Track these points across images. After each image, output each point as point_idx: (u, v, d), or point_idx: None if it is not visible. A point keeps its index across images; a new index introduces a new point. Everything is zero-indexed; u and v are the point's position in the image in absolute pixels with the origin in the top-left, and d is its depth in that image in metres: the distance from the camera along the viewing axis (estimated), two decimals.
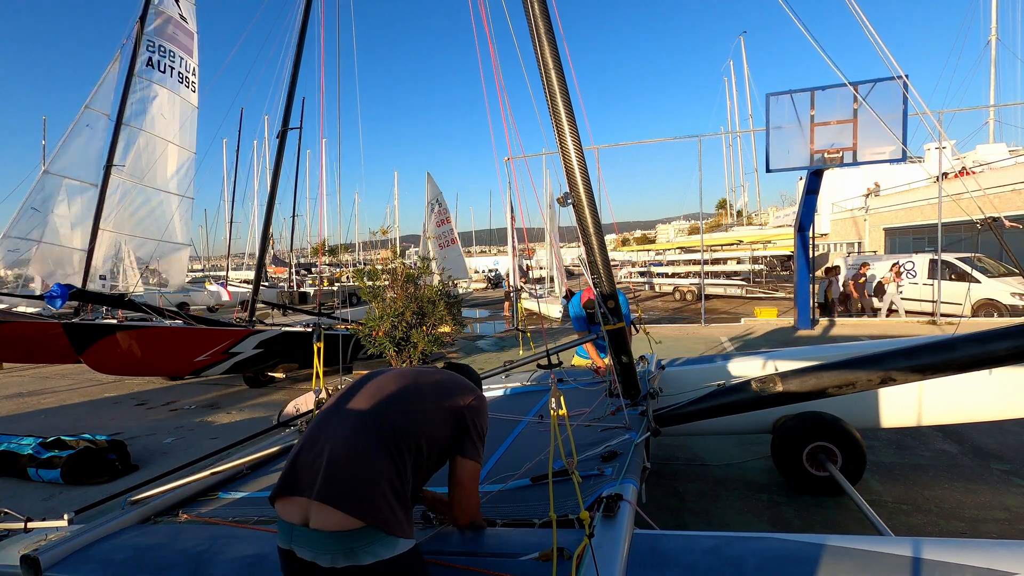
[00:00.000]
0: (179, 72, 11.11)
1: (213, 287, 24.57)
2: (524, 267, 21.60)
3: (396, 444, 1.57)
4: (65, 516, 2.44)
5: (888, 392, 3.75)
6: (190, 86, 11.44)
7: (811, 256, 12.74)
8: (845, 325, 12.67)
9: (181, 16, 11.19)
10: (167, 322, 8.12)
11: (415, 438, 1.62)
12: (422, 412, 1.69)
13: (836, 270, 14.85)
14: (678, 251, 27.43)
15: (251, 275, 16.70)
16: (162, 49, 10.75)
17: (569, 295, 7.13)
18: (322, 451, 1.54)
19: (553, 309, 14.96)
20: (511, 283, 15.68)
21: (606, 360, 4.41)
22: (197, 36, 11.63)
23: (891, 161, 10.98)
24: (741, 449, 4.77)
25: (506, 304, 17.23)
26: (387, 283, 9.70)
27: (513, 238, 16.06)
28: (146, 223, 10.65)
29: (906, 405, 3.77)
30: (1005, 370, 3.42)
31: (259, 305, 10.09)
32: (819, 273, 15.14)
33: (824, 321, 12.99)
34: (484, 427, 1.84)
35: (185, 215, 11.51)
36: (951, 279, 12.88)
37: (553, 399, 1.69)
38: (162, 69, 10.74)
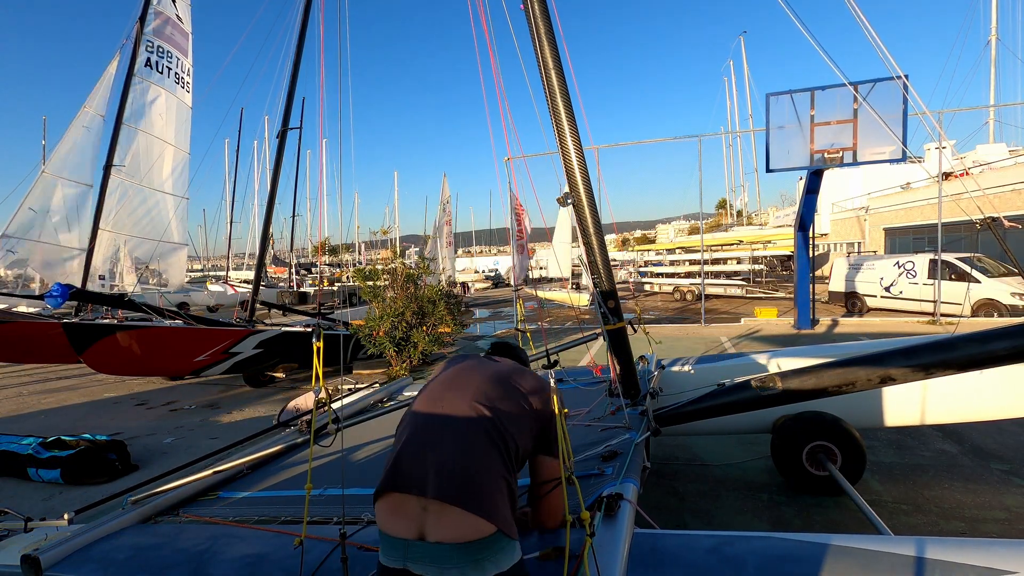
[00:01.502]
0: (176, 73, 11.11)
1: (215, 287, 24.57)
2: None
3: (504, 441, 1.47)
4: (65, 516, 2.44)
5: (888, 392, 3.75)
6: (185, 87, 11.44)
7: (811, 256, 12.74)
8: (846, 325, 12.68)
9: (177, 16, 11.19)
10: (167, 322, 8.12)
11: (515, 439, 1.53)
12: (514, 415, 1.58)
13: None
14: (678, 251, 27.43)
15: (251, 275, 16.71)
16: (160, 50, 10.75)
17: None
18: (429, 445, 1.42)
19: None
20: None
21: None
22: (192, 36, 11.63)
23: (891, 161, 10.98)
24: (741, 449, 4.76)
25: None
26: (387, 283, 9.71)
27: (513, 238, 16.14)
28: (144, 223, 10.65)
29: (906, 405, 3.76)
30: (1005, 370, 3.42)
31: (258, 305, 10.09)
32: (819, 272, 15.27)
33: (825, 321, 13.00)
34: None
35: (182, 215, 11.51)
36: (951, 279, 12.88)
37: (554, 398, 1.68)
38: (160, 70, 10.75)
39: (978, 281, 12.55)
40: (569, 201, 3.25)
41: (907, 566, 1.51)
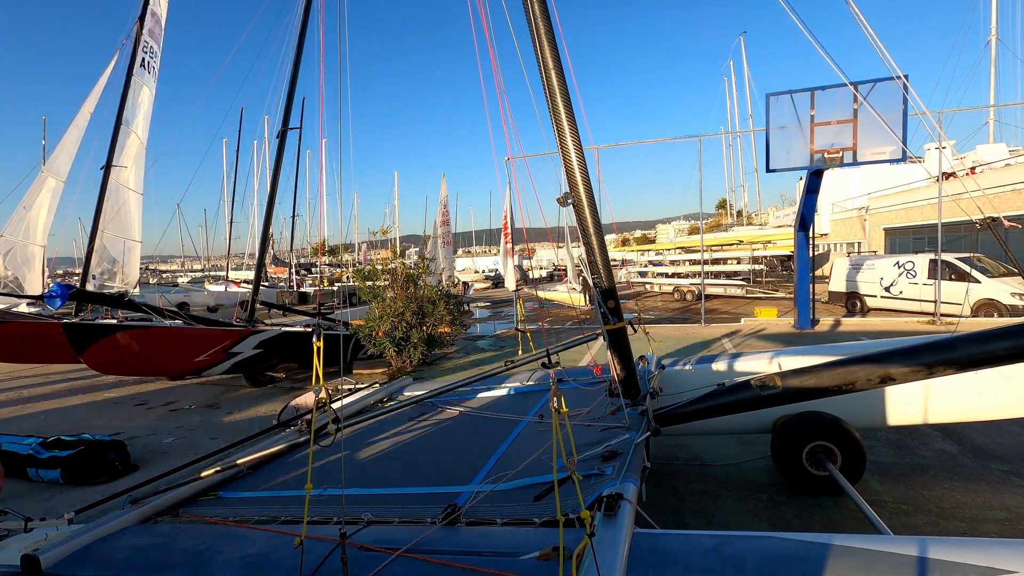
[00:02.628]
0: (153, 67, 11.01)
1: (215, 286, 24.56)
2: (524, 267, 21.97)
3: None
4: (65, 516, 2.43)
5: (888, 392, 3.75)
6: (156, 78, 11.29)
7: (811, 256, 12.74)
8: (846, 325, 12.68)
9: (160, 12, 11.15)
10: (167, 322, 8.12)
11: None
12: None
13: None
14: (678, 251, 27.41)
15: (251, 275, 16.70)
16: (150, 48, 10.72)
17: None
18: None
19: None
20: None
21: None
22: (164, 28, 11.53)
23: (891, 161, 10.98)
24: (741, 449, 4.77)
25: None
26: (387, 283, 9.72)
27: (511, 239, 16.15)
28: (120, 221, 10.52)
29: (906, 404, 3.76)
30: (1005, 370, 3.42)
31: (258, 305, 10.08)
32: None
33: (825, 321, 13.00)
34: None
35: (140, 211, 11.29)
36: (951, 279, 12.88)
37: (554, 398, 1.68)
38: (147, 68, 10.71)
39: (978, 281, 12.55)
40: (569, 201, 3.25)
41: (907, 566, 1.51)
